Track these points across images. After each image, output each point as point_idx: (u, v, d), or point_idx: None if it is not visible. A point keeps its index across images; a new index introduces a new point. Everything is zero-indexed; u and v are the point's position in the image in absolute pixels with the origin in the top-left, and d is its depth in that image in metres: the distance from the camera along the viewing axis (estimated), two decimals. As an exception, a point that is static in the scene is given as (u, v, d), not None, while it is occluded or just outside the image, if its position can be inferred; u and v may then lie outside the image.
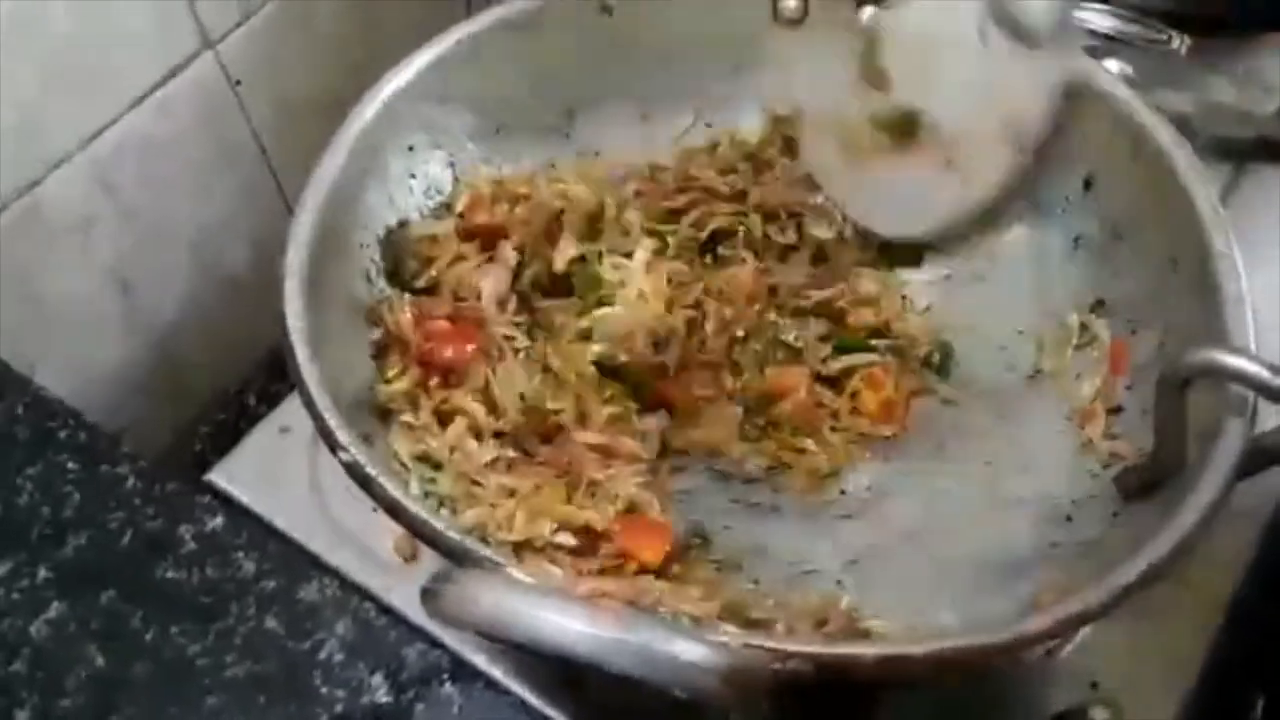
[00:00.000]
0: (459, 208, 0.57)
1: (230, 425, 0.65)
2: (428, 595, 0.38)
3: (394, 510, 0.43)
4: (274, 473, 0.57)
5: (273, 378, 0.66)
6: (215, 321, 0.65)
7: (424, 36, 0.56)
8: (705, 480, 0.54)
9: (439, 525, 0.42)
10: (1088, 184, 0.55)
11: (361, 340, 0.53)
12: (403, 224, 0.55)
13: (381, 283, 0.54)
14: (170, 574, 0.42)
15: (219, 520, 0.44)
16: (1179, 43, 0.65)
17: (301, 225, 0.50)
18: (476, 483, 0.49)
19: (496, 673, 0.49)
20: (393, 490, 0.43)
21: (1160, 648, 0.51)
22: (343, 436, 0.44)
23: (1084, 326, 0.54)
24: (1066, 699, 0.50)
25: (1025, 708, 0.50)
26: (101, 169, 0.56)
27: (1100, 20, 0.66)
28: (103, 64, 0.54)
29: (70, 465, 0.45)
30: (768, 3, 0.60)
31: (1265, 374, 0.41)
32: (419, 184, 0.57)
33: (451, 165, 0.58)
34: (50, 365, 0.55)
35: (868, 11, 0.59)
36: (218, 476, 0.57)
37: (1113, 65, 0.57)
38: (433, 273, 0.55)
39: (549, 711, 0.48)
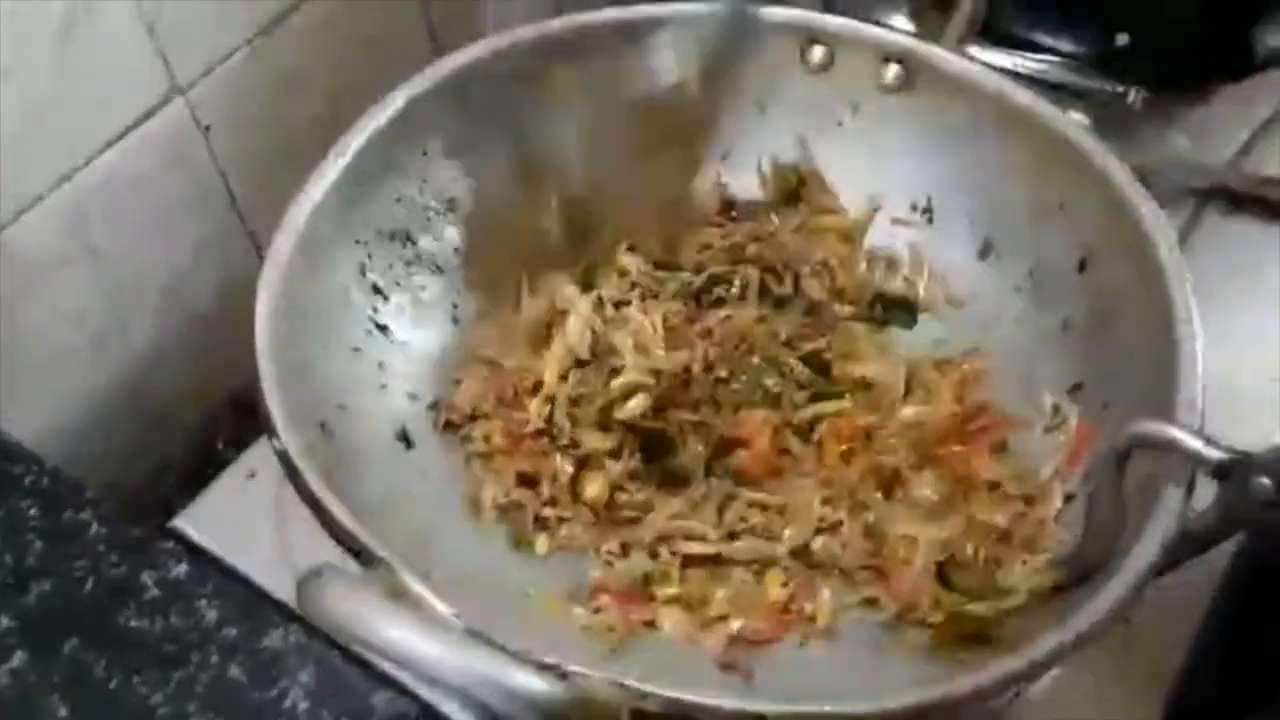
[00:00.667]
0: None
1: (198, 469, 0.64)
2: (298, 589, 0.39)
3: (312, 503, 0.44)
4: (240, 518, 0.56)
5: (240, 421, 0.66)
6: (183, 364, 0.65)
7: (390, 86, 0.56)
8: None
9: (350, 525, 0.42)
10: (1082, 265, 0.56)
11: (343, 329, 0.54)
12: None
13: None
14: (133, 622, 0.42)
15: (183, 567, 0.43)
16: (1134, 95, 0.66)
17: (304, 203, 0.52)
18: None
19: (465, 720, 0.49)
20: (314, 484, 0.44)
21: (1125, 691, 0.51)
22: (281, 423, 0.45)
23: (1056, 408, 0.55)
24: (1033, 741, 0.50)
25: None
26: (71, 212, 0.56)
27: (1056, 72, 0.67)
28: (74, 108, 0.54)
29: (32, 512, 0.44)
30: (796, 49, 0.61)
31: (1199, 445, 0.41)
32: (429, 187, 0.58)
33: (467, 175, 0.59)
34: (15, 407, 0.55)
35: (892, 70, 0.60)
36: (183, 522, 0.57)
37: (1074, 117, 0.58)
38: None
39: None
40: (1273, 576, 0.50)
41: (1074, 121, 0.57)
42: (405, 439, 0.55)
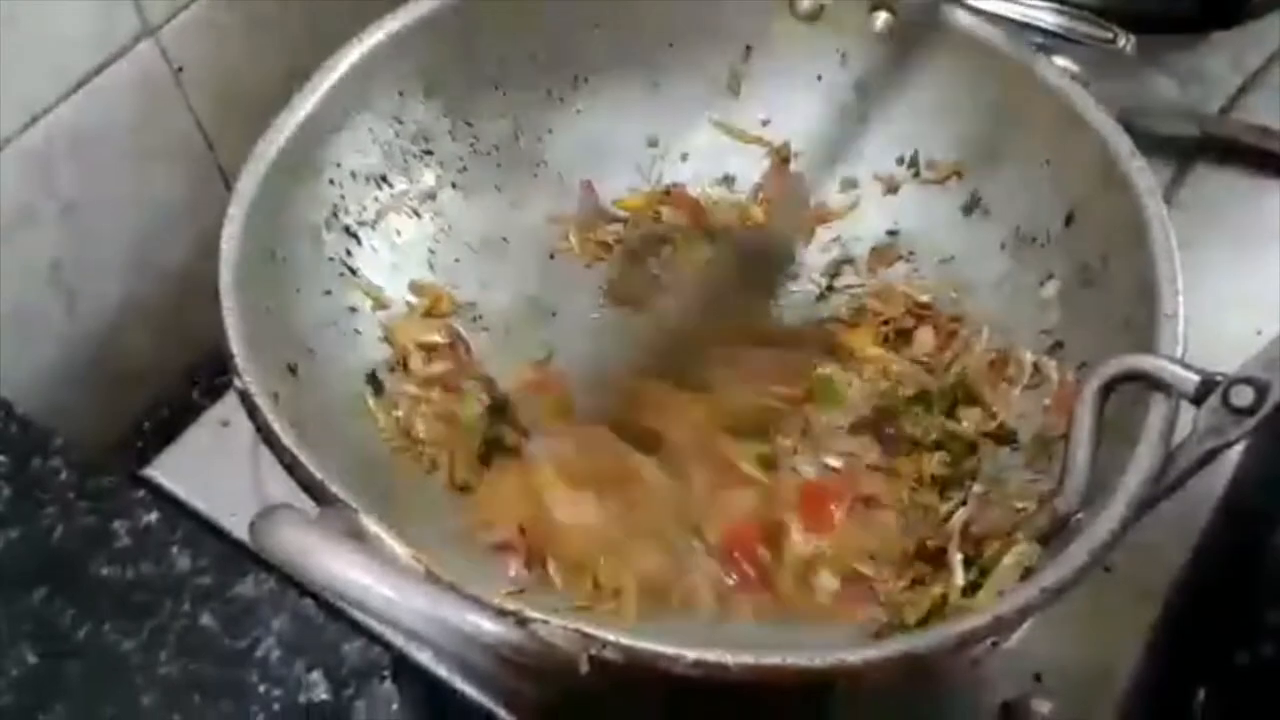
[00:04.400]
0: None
1: (173, 420, 0.64)
2: (251, 527, 0.38)
3: (270, 440, 0.44)
4: (214, 468, 0.56)
5: (216, 371, 0.65)
6: (157, 314, 0.64)
7: (368, 23, 0.55)
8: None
9: (306, 461, 0.42)
10: (1068, 220, 0.55)
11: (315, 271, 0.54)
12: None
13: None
14: (104, 570, 0.41)
15: (154, 515, 0.43)
16: (1125, 41, 0.65)
17: (273, 140, 0.51)
18: None
19: (441, 671, 0.49)
20: (273, 422, 0.43)
21: (1102, 640, 0.51)
22: (243, 361, 0.44)
23: (1036, 367, 0.54)
24: (1011, 690, 0.50)
25: (970, 699, 0.51)
26: (38, 158, 0.55)
27: (1047, 17, 0.66)
28: (40, 50, 0.52)
29: (1, 459, 0.44)
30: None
31: (1176, 369, 0.42)
32: (405, 129, 0.58)
33: (446, 116, 0.59)
34: (-14, 358, 0.54)
35: (880, 18, 0.59)
36: (154, 471, 0.56)
37: (1060, 62, 0.57)
38: None
39: (491, 708, 0.48)
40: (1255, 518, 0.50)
41: (1066, 74, 0.56)
42: (375, 384, 0.55)
